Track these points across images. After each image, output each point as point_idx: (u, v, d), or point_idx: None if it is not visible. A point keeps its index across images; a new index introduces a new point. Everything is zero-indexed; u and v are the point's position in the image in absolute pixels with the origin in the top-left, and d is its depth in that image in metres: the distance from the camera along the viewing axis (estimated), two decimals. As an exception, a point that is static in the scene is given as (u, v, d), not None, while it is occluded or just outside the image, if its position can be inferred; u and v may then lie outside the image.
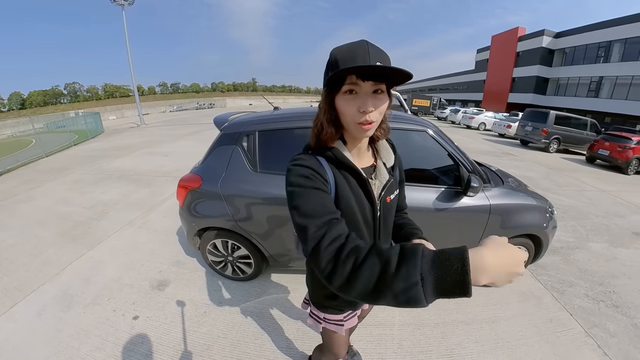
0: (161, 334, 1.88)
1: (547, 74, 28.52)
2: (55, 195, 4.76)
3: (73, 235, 3.25)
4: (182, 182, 2.15)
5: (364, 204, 0.76)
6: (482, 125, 17.13)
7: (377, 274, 0.46)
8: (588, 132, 10.62)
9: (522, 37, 30.17)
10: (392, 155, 0.84)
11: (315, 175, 0.67)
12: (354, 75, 0.60)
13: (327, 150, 0.72)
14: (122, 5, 17.77)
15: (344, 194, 0.72)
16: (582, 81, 25.33)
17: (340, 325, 0.98)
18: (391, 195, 0.82)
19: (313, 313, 1.03)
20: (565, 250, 3.13)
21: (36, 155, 8.37)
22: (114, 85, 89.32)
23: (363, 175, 0.74)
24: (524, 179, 5.42)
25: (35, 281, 2.44)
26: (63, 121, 14.20)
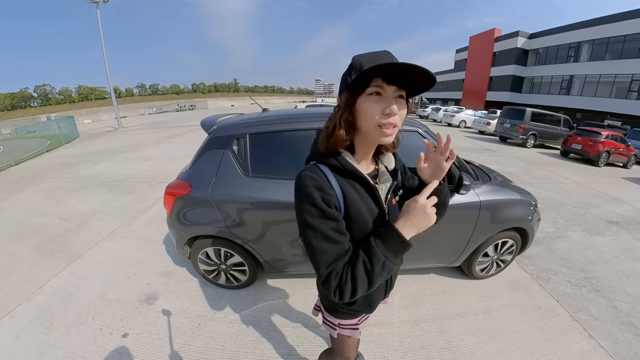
0: (154, 351, 1.78)
1: (522, 73, 29.90)
2: (28, 206, 4.43)
3: (50, 249, 3.03)
4: (169, 189, 2.05)
5: (373, 210, 0.76)
6: (462, 122, 17.71)
7: (365, 277, 0.64)
8: (562, 128, 11.24)
9: (498, 38, 31.45)
10: (393, 158, 0.85)
11: (324, 196, 0.67)
12: (379, 78, 0.61)
13: (334, 158, 0.71)
14: (97, 3, 16.95)
15: (353, 205, 0.72)
16: (555, 79, 26.77)
17: (356, 329, 0.99)
18: (396, 197, 0.84)
19: (327, 320, 1.02)
20: (547, 241, 3.30)
21: (4, 164, 7.78)
22: (88, 87, 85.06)
23: (371, 182, 0.74)
24: (505, 174, 5.66)
25: (10, 301, 2.24)
26: (34, 126, 13.41)
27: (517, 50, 28.99)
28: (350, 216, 0.72)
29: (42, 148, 9.83)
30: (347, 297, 0.64)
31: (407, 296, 2.28)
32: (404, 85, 0.63)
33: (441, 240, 2.14)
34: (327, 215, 0.66)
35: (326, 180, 0.70)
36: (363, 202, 0.74)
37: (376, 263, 0.64)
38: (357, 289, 0.64)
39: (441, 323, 2.01)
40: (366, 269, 0.64)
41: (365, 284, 0.64)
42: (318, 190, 0.67)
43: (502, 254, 2.37)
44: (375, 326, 1.96)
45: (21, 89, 78.60)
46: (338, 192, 0.70)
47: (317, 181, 0.68)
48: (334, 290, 0.65)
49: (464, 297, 2.28)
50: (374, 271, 0.64)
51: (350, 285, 0.64)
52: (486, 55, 32.92)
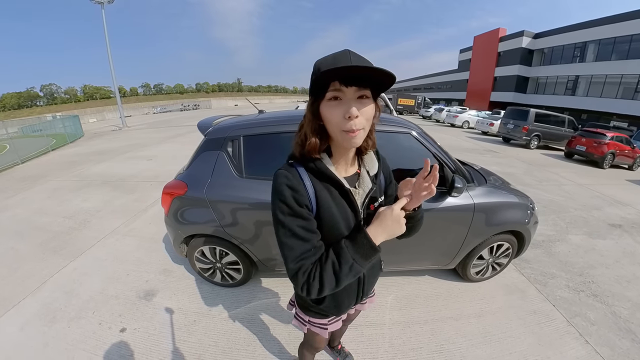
0: (150, 346, 1.83)
1: (527, 73, 29.68)
2: (33, 204, 4.54)
3: (53, 247, 3.12)
4: (166, 189, 2.11)
5: (347, 214, 0.77)
6: (465, 123, 17.60)
7: (332, 274, 0.67)
8: (566, 129, 11.12)
9: (503, 38, 31.29)
10: (376, 163, 0.85)
11: (295, 195, 0.68)
12: (337, 81, 0.60)
13: (310, 161, 0.72)
14: (102, 4, 17.16)
15: (325, 206, 0.73)
16: (560, 80, 26.53)
17: (324, 329, 1.02)
18: (375, 203, 0.83)
19: (298, 315, 1.06)
20: (546, 244, 3.25)
21: (11, 162, 7.95)
22: (94, 86, 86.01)
23: (345, 186, 0.75)
24: (505, 175, 5.57)
25: (15, 296, 2.33)
26: (39, 125, 13.61)
27: (521, 50, 28.79)
28: (322, 218, 0.73)
29: (47, 147, 9.99)
30: (314, 294, 0.67)
31: (400, 298, 2.28)
32: (366, 84, 0.62)
33: (434, 242, 2.13)
34: (296, 213, 0.68)
35: (300, 180, 0.71)
36: (336, 205, 0.75)
37: (344, 264, 0.66)
38: (324, 287, 0.67)
39: (433, 325, 2.01)
40: (334, 269, 0.67)
41: (332, 284, 0.67)
42: (290, 189, 0.69)
43: (498, 257, 2.34)
44: (367, 327, 1.98)
45: (27, 88, 79.85)
46: (311, 192, 0.72)
47: (290, 180, 0.70)
48: (301, 285, 0.67)
49: (458, 300, 2.27)
50: (342, 272, 0.66)
51: (318, 283, 0.66)
52: (490, 55, 32.73)
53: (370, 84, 0.62)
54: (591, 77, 23.42)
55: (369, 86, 0.63)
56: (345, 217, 0.76)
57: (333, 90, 0.62)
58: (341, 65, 0.57)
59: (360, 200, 0.80)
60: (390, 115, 2.49)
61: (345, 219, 0.76)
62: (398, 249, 2.08)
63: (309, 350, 1.27)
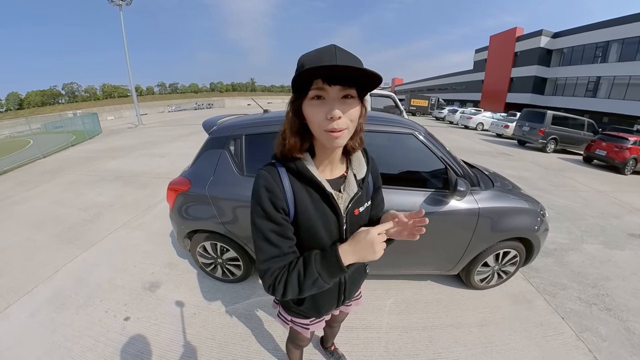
0: (151, 335, 1.90)
1: (545, 74, 28.68)
2: (51, 196, 4.78)
3: (68, 237, 3.27)
4: (171, 185, 2.18)
5: (328, 218, 0.74)
6: (479, 125, 17.20)
7: (297, 283, 0.67)
8: (585, 132, 10.69)
9: (520, 37, 30.30)
10: (364, 166, 0.81)
11: (272, 197, 0.68)
12: (320, 79, 0.57)
13: (291, 162, 0.70)
14: (120, 6, 17.74)
15: (303, 209, 0.71)
16: (580, 81, 25.46)
17: (306, 329, 1.03)
18: (360, 207, 0.80)
19: (281, 314, 1.07)
20: (559, 252, 3.10)
21: (33, 156, 8.37)
22: (112, 85, 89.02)
23: (326, 190, 0.71)
24: (519, 179, 5.39)
25: (29, 283, 2.47)
26: (61, 122, 14.19)
27: (540, 50, 27.83)
28: (299, 221, 0.71)
29: (67, 143, 10.45)
30: (278, 296, 0.69)
31: (399, 302, 2.23)
32: (351, 84, 0.59)
33: (436, 247, 2.07)
34: (270, 217, 0.68)
35: (279, 181, 0.69)
36: (315, 208, 0.72)
37: (308, 277, 0.66)
38: (287, 292, 0.67)
39: (432, 332, 1.95)
40: (299, 279, 0.67)
41: (295, 291, 0.67)
42: (267, 192, 0.67)
43: (504, 264, 2.24)
44: (363, 329, 1.96)
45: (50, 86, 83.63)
46: (289, 195, 0.69)
47: (269, 182, 0.68)
48: (267, 286, 0.69)
49: (460, 307, 2.18)
50: (305, 283, 0.66)
51: (282, 287, 0.67)
52: (507, 55, 31.79)
53: (355, 83, 0.59)
54: (613, 78, 22.35)
55: (354, 85, 0.60)
56: (326, 221, 0.74)
57: (316, 88, 0.59)
58: (325, 63, 0.55)
59: (343, 204, 0.76)
60: (394, 115, 2.46)
61: (325, 223, 0.74)
62: (397, 252, 2.05)
63: (294, 345, 1.31)
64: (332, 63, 0.55)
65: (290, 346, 1.33)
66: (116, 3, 17.60)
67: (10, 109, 76.19)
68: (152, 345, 1.82)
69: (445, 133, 14.40)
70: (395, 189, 1.94)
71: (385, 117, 2.19)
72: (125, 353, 1.77)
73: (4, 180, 6.25)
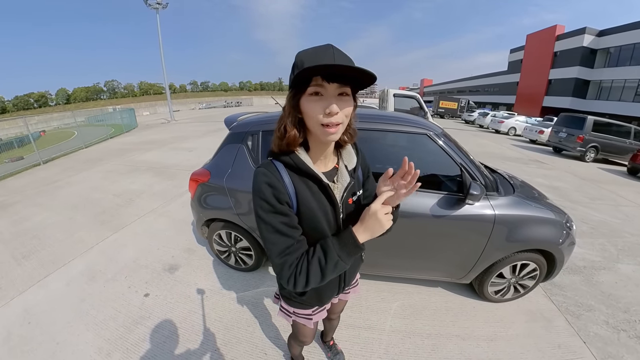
0: (166, 311, 2.07)
1: (588, 76, 26.35)
2: (90, 182, 5.28)
3: (102, 219, 3.61)
4: (193, 176, 2.34)
5: (326, 208, 0.78)
6: (512, 130, 16.25)
7: (319, 271, 0.70)
8: (631, 141, 9.70)
9: (560, 36, 28.12)
10: (354, 157, 0.86)
11: (275, 192, 0.70)
12: (319, 77, 0.61)
13: (287, 156, 0.73)
14: (157, 9, 18.91)
15: (304, 201, 0.74)
16: (629, 84, 23.04)
17: (309, 319, 1.06)
18: (353, 197, 0.85)
19: (283, 307, 1.09)
20: (588, 270, 2.82)
21: (77, 146, 9.25)
22: (148, 83, 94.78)
23: (324, 181, 0.75)
24: (551, 189, 5.04)
25: (67, 256, 2.78)
26: (102, 116, 15.41)
27: (582, 49, 25.60)
28: (301, 212, 0.75)
29: (107, 135, 11.38)
30: (300, 287, 0.70)
31: (406, 306, 2.17)
32: (347, 82, 0.63)
33: (446, 252, 1.98)
34: (277, 210, 0.70)
35: (279, 177, 0.72)
36: (315, 199, 0.76)
37: (330, 261, 0.69)
38: (310, 281, 0.69)
39: (436, 341, 1.87)
40: (320, 265, 0.70)
41: (317, 278, 0.70)
42: (270, 187, 0.70)
43: (522, 277, 2.08)
44: (365, 329, 1.95)
45: (94, 83, 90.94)
46: (290, 189, 0.72)
47: (270, 178, 0.70)
48: (287, 278, 0.70)
49: (469, 318, 2.07)
50: (327, 268, 0.70)
51: (305, 277, 0.69)
52: (545, 55, 29.67)
53: (351, 81, 0.64)
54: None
55: (349, 84, 0.64)
56: (325, 211, 0.78)
57: (315, 85, 0.62)
58: (324, 61, 0.59)
59: (339, 194, 0.80)
60: (408, 115, 2.42)
61: (324, 213, 0.78)
62: (406, 255, 2.03)
63: (297, 342, 1.32)
64: (331, 62, 0.60)
65: (292, 342, 1.37)
66: (153, 6, 18.78)
67: (59, 103, 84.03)
68: (166, 321, 1.98)
69: (473, 137, 13.77)
70: None
71: (399, 116, 2.17)
72: (142, 325, 1.95)
73: (52, 166, 6.97)
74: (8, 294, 2.29)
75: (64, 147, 9.30)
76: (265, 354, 1.75)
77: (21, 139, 10.63)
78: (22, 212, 4.01)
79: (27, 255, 2.84)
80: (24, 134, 8.84)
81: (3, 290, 2.33)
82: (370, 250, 1.46)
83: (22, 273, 2.55)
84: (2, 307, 2.14)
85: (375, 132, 1.99)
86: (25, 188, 5.23)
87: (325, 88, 0.63)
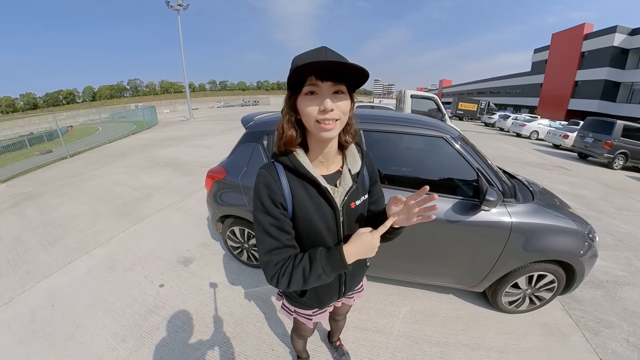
0: (179, 302, 2.15)
1: (618, 78, 24.72)
2: (113, 176, 5.53)
3: (123, 211, 3.78)
4: (210, 173, 2.41)
5: (325, 212, 0.78)
6: (534, 133, 15.60)
7: (301, 278, 0.71)
8: (666, 149, 9.10)
9: (588, 35, 26.48)
10: (359, 161, 0.85)
11: (271, 194, 0.72)
12: (313, 76, 0.63)
13: (286, 157, 0.75)
14: (178, 10, 19.51)
15: (301, 204, 0.75)
16: (665, 87, 21.59)
17: (309, 320, 1.08)
18: (356, 200, 0.84)
19: (285, 305, 1.11)
20: (611, 285, 2.66)
21: (101, 141, 9.70)
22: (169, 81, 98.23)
23: (321, 184, 0.75)
24: (574, 198, 4.80)
25: (89, 245, 2.94)
26: (124, 113, 16.13)
27: (613, 49, 24.00)
28: (297, 215, 0.76)
29: (129, 131, 11.90)
30: (282, 287, 0.73)
31: (415, 311, 2.13)
32: (341, 80, 0.64)
33: (459, 259, 1.92)
34: (269, 211, 0.72)
35: (277, 178, 0.73)
36: (313, 202, 0.76)
37: (313, 272, 0.71)
38: (291, 285, 0.72)
39: (444, 349, 1.82)
40: (304, 273, 0.71)
41: (299, 284, 0.72)
42: (266, 188, 0.72)
43: (539, 289, 2.00)
44: (372, 332, 1.94)
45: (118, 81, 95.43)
46: (287, 191, 0.74)
47: (267, 179, 0.73)
48: (270, 277, 0.72)
49: (480, 328, 2.01)
50: (310, 278, 0.71)
51: (287, 280, 0.71)
52: (572, 55, 28.07)
53: (345, 79, 0.65)
54: None
55: (344, 82, 0.65)
56: (323, 214, 0.78)
57: (309, 84, 0.64)
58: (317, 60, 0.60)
59: (339, 198, 0.79)
60: (424, 117, 2.36)
61: (322, 216, 0.78)
62: (416, 257, 2.00)
63: (297, 336, 1.37)
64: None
65: (294, 335, 1.40)
66: (174, 8, 19.39)
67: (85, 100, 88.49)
68: (179, 312, 2.06)
69: (493, 141, 13.34)
70: None
71: (415, 118, 2.13)
72: (156, 314, 2.03)
73: (78, 159, 7.35)
74: (35, 277, 2.45)
75: (89, 141, 9.79)
76: (272, 349, 1.78)
77: (50, 134, 11.31)
78: (50, 202, 4.27)
79: (53, 243, 3.02)
80: (53, 129, 9.36)
81: (30, 274, 2.50)
82: (381, 253, 1.46)
83: (48, 259, 2.72)
84: (29, 290, 2.30)
85: (390, 134, 1.98)
86: (53, 179, 5.57)
87: (319, 87, 0.64)
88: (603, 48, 24.94)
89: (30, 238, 3.15)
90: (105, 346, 1.77)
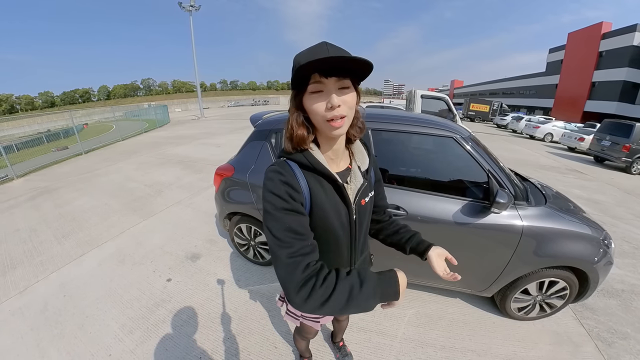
0: (185, 297, 2.18)
1: (638, 79, 23.80)
2: (125, 172, 5.68)
3: (134, 207, 3.87)
4: (218, 170, 2.43)
5: (339, 209, 0.76)
6: (548, 136, 15.17)
7: (347, 294, 0.61)
8: (689, 153, 8.71)
9: (606, 34, 25.63)
10: (367, 158, 0.85)
11: (290, 191, 0.67)
12: (316, 73, 0.61)
13: (300, 155, 0.72)
14: (190, 11, 19.83)
15: (318, 202, 0.72)
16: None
17: (317, 322, 1.07)
18: (366, 198, 0.83)
19: (290, 311, 1.09)
20: (627, 295, 2.55)
21: (114, 139, 9.96)
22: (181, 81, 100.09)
23: (339, 181, 0.74)
24: (589, 203, 4.65)
25: (101, 238, 3.03)
26: (138, 111, 16.47)
27: (632, 49, 23.19)
28: (314, 213, 0.73)
29: (141, 129, 12.20)
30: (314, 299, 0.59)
31: (421, 315, 2.10)
32: (345, 74, 0.63)
33: (467, 262, 1.87)
34: (292, 208, 0.66)
35: (294, 176, 0.70)
36: (328, 199, 0.74)
37: (364, 292, 0.62)
38: (331, 299, 0.59)
39: (450, 354, 1.78)
40: (352, 291, 0.61)
41: (340, 303, 0.60)
42: (284, 185, 0.67)
43: (550, 296, 1.93)
44: (376, 334, 1.92)
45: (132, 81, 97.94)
46: (305, 189, 0.71)
47: (285, 177, 0.68)
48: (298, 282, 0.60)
49: (488, 334, 1.95)
50: (355, 299, 0.61)
51: (326, 292, 0.60)
52: (589, 55, 27.21)
53: (349, 73, 0.63)
54: None
55: (348, 76, 0.63)
56: (338, 212, 0.76)
57: (314, 82, 0.62)
58: (318, 57, 0.58)
59: (352, 195, 0.79)
60: (434, 116, 2.31)
61: (337, 214, 0.76)
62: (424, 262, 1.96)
63: (301, 337, 1.37)
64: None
65: (297, 336, 1.41)
66: (187, 9, 19.72)
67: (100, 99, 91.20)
68: (184, 306, 2.09)
69: (505, 143, 13.04)
70: (429, 194, 1.83)
71: (425, 118, 2.09)
72: (162, 308, 2.07)
73: (92, 156, 7.57)
74: (48, 268, 2.54)
75: (103, 139, 10.08)
76: (275, 347, 1.78)
77: (67, 131, 11.68)
78: (65, 196, 4.42)
79: (67, 235, 3.12)
80: (69, 126, 9.66)
81: (44, 265, 2.60)
82: (387, 254, 1.44)
83: (61, 251, 2.81)
84: (42, 280, 2.38)
85: (399, 133, 1.95)
86: (68, 175, 5.76)
87: (324, 84, 0.62)
88: (622, 47, 24.12)
89: (45, 230, 3.26)
90: (113, 337, 1.82)
